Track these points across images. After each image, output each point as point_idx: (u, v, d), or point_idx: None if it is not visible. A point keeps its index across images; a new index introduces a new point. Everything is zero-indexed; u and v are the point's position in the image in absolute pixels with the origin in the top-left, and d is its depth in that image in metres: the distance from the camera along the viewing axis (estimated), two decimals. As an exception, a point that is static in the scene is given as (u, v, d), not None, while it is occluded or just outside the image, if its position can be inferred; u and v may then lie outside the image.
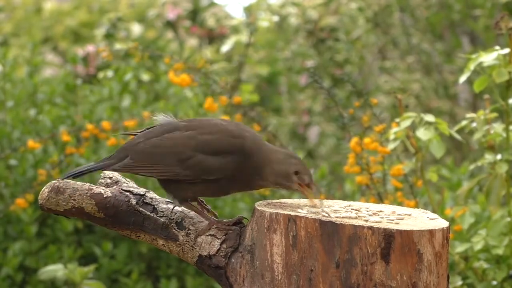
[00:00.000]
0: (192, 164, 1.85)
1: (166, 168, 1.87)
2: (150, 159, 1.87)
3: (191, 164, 1.85)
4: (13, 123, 4.07)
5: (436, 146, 2.73)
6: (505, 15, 2.71)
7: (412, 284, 1.76)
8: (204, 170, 1.85)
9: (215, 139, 1.86)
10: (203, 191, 1.89)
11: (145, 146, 1.88)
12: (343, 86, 5.74)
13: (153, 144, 1.88)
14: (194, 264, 1.92)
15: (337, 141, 6.05)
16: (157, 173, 1.87)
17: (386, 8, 5.82)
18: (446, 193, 3.46)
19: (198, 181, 1.86)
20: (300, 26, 6.20)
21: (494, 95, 2.74)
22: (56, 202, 1.97)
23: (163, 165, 1.87)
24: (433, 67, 5.73)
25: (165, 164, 1.86)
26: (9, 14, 8.06)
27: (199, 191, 1.89)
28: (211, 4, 7.38)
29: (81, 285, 3.22)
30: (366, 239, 1.74)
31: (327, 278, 1.76)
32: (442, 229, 1.79)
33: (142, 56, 3.49)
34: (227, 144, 1.85)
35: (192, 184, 1.87)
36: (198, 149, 1.86)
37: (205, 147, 1.85)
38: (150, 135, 1.91)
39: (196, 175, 1.86)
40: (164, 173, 1.87)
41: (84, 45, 6.36)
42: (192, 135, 1.87)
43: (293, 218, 1.78)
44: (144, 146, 1.88)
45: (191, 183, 1.87)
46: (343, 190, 4.47)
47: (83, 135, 3.68)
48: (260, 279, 1.83)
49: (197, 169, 1.85)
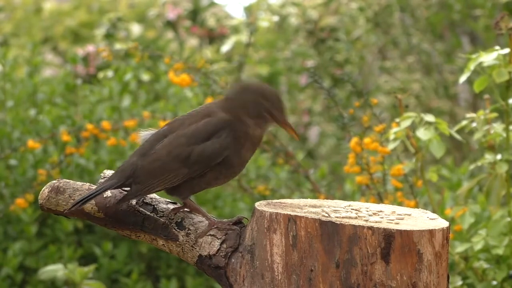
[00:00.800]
0: (196, 158, 1.86)
1: (174, 173, 1.88)
2: (155, 174, 1.88)
3: (195, 158, 1.86)
4: (13, 123, 4.07)
5: (436, 146, 2.73)
6: (505, 15, 2.71)
7: (412, 284, 1.76)
8: (210, 157, 1.86)
9: (199, 127, 1.88)
10: (216, 177, 1.90)
11: (144, 166, 1.89)
12: (343, 86, 5.74)
13: (151, 160, 1.89)
14: (194, 264, 1.92)
15: (337, 141, 6.05)
16: (169, 182, 1.88)
17: (386, 8, 5.83)
18: (446, 193, 3.46)
19: (208, 170, 1.87)
20: (300, 26, 6.21)
21: (494, 95, 2.74)
22: (56, 202, 1.97)
23: (170, 172, 1.88)
24: (433, 67, 5.73)
25: (171, 171, 1.87)
26: (9, 14, 8.06)
27: (211, 179, 1.90)
28: (211, 4, 7.38)
29: (81, 285, 3.22)
30: (366, 239, 1.74)
31: (327, 278, 1.76)
32: (442, 229, 1.79)
33: (142, 56, 3.49)
34: (210, 125, 1.87)
35: (203, 176, 1.88)
36: (192, 142, 1.87)
37: (196, 137, 1.87)
38: (142, 152, 1.91)
39: (204, 165, 1.87)
40: (175, 178, 1.88)
41: (84, 45, 6.36)
42: (180, 133, 1.89)
43: (293, 218, 1.78)
44: (142, 166, 1.89)
45: (201, 176, 1.88)
46: (343, 190, 4.47)
47: (83, 135, 3.67)
48: (260, 279, 1.83)
49: (203, 159, 1.87)
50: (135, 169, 1.90)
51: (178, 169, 1.87)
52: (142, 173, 1.89)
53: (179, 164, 1.87)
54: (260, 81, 1.86)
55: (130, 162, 1.92)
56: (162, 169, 1.87)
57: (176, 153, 1.87)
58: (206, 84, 3.41)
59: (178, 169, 1.87)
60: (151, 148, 1.90)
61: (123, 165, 1.93)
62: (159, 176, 1.88)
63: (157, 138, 1.91)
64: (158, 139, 1.91)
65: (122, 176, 1.91)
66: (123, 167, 1.92)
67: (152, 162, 1.88)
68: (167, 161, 1.87)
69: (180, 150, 1.87)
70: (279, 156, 3.43)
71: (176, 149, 1.87)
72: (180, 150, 1.87)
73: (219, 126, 1.87)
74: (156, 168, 1.88)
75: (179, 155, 1.87)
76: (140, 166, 1.89)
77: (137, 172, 1.89)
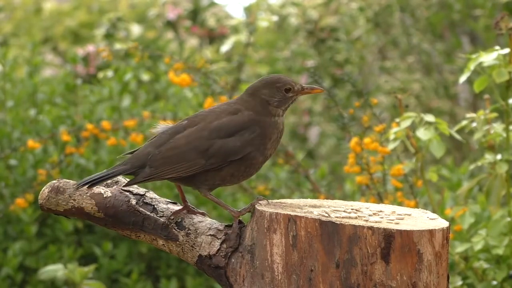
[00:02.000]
0: (215, 151, 1.91)
1: (190, 163, 1.92)
2: (171, 161, 1.92)
3: (213, 152, 1.91)
4: (13, 123, 4.06)
5: (436, 146, 2.73)
6: (505, 15, 2.71)
7: (412, 284, 1.76)
8: (227, 153, 1.91)
9: (223, 123, 1.93)
10: (232, 173, 1.93)
11: (162, 152, 1.92)
12: (343, 86, 5.74)
13: (169, 147, 1.93)
14: (194, 264, 1.92)
15: (337, 141, 6.05)
16: (182, 171, 1.92)
17: (387, 8, 5.83)
18: (446, 193, 3.46)
19: (225, 165, 1.91)
20: (300, 26, 6.20)
21: (494, 95, 2.74)
22: (56, 202, 1.97)
23: (186, 161, 1.91)
24: (433, 67, 5.73)
25: (188, 160, 1.91)
26: (9, 14, 8.06)
27: (227, 175, 1.93)
28: (211, 4, 7.38)
29: (81, 285, 3.22)
30: (366, 239, 1.74)
31: (327, 278, 1.76)
32: (442, 229, 1.79)
33: (142, 56, 3.48)
34: (235, 122, 1.93)
35: (219, 170, 1.92)
36: (213, 136, 1.92)
37: (219, 132, 1.92)
38: (159, 142, 1.94)
39: (221, 159, 1.91)
40: (189, 168, 1.92)
41: (84, 45, 6.36)
42: (201, 127, 1.93)
43: (293, 218, 1.78)
44: (160, 152, 1.92)
45: (217, 170, 1.92)
46: (343, 190, 4.47)
47: (83, 135, 3.67)
48: (260, 279, 1.83)
49: (221, 154, 1.91)
50: (151, 156, 1.93)
51: (194, 159, 1.91)
52: (158, 159, 1.92)
53: (197, 155, 1.91)
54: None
55: (145, 152, 1.94)
56: (179, 157, 1.91)
57: (196, 144, 1.91)
58: (206, 84, 3.41)
59: (195, 159, 1.91)
60: (168, 138, 1.94)
61: (137, 154, 1.95)
62: (175, 163, 1.91)
63: (177, 130, 1.95)
64: (178, 131, 1.95)
65: (135, 163, 1.94)
66: (137, 155, 1.95)
67: (170, 149, 1.92)
68: (185, 150, 1.92)
69: (200, 142, 1.92)
70: (279, 156, 3.43)
71: (196, 141, 1.92)
72: (200, 142, 1.92)
73: (244, 125, 1.93)
74: (173, 155, 1.92)
75: (199, 147, 1.91)
76: (158, 152, 1.92)
77: (153, 158, 1.92)
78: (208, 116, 1.95)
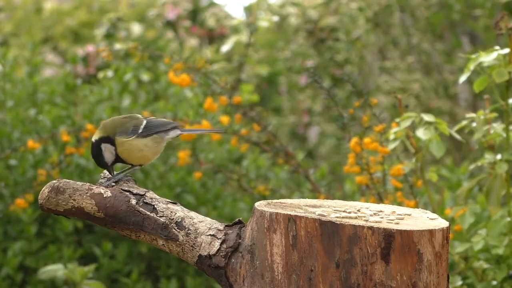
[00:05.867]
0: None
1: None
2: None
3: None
4: (13, 123, 4.06)
5: (436, 146, 2.73)
6: (505, 15, 2.71)
7: (412, 284, 1.76)
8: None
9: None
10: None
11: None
12: (343, 86, 5.75)
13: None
14: (194, 264, 1.92)
15: (337, 141, 6.06)
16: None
17: (386, 8, 5.83)
18: (446, 193, 3.46)
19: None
20: (300, 26, 6.21)
21: (494, 95, 2.74)
22: (56, 202, 1.97)
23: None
24: (433, 67, 5.73)
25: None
26: (9, 14, 8.06)
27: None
28: (211, 4, 7.39)
29: (81, 285, 3.22)
30: (366, 239, 1.74)
31: (327, 278, 1.76)
32: (442, 229, 1.79)
33: (142, 56, 3.49)
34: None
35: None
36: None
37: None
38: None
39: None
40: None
41: (84, 45, 6.37)
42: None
43: (293, 218, 1.78)
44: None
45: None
46: (343, 190, 4.47)
47: (83, 135, 3.67)
48: (260, 279, 1.83)
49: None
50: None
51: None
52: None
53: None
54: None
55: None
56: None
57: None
58: (206, 84, 3.41)
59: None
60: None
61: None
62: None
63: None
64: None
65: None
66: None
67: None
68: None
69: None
70: (279, 156, 3.43)
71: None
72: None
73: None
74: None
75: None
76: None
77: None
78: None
